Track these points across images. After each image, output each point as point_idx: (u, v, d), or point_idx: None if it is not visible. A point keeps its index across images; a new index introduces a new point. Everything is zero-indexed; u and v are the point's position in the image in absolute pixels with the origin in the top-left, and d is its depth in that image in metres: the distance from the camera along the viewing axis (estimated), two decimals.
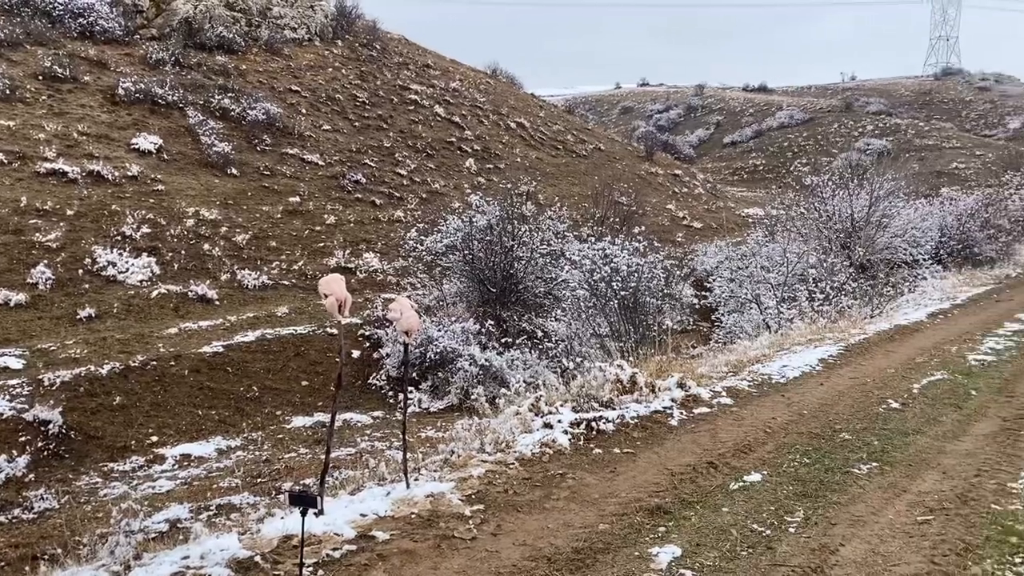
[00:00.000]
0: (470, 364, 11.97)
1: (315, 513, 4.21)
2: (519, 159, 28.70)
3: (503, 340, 13.09)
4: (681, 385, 7.23)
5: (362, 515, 4.53)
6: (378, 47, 30.59)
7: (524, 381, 11.60)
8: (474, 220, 14.15)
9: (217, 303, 13.87)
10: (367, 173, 21.60)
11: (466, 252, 14.10)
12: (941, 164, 50.30)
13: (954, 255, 17.55)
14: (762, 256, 16.60)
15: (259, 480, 8.57)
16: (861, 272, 15.50)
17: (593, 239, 13.54)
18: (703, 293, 19.44)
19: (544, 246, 15.20)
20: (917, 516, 4.44)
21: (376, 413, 11.42)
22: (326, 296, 4.38)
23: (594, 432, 6.09)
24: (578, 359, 10.15)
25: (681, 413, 6.67)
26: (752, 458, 5.59)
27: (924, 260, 16.75)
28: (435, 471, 5.37)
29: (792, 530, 4.35)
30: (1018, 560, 3.83)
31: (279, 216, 17.74)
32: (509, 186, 17.32)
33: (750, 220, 28.20)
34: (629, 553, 4.13)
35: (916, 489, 4.86)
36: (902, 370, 8.24)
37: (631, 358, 8.89)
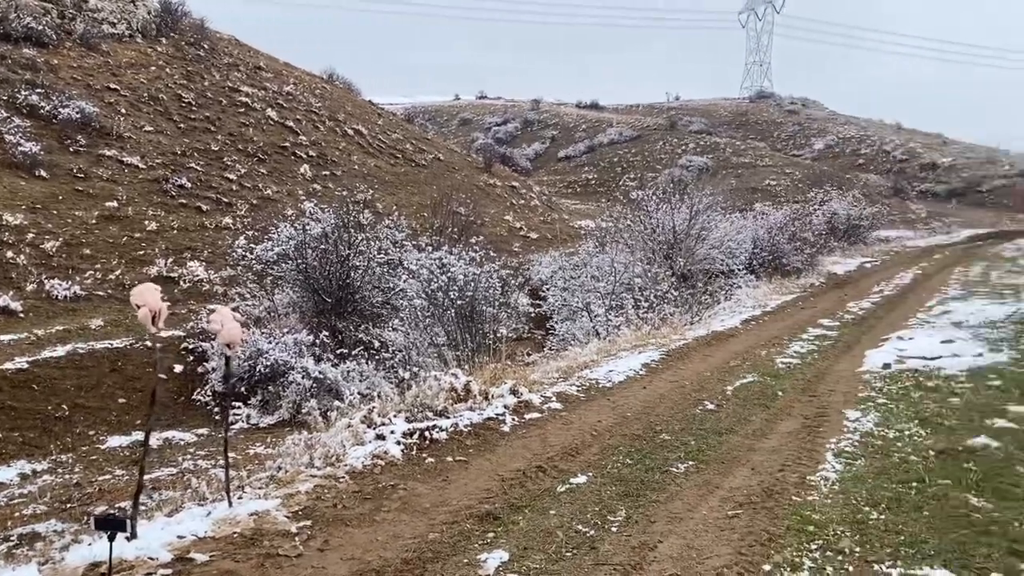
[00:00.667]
0: (303, 377, 11.63)
1: (126, 537, 3.96)
2: (356, 166, 28.27)
3: (339, 351, 12.81)
4: (514, 392, 7.36)
5: (180, 537, 4.30)
6: (206, 47, 29.23)
7: (360, 393, 11.46)
8: (308, 228, 13.78)
9: (22, 315, 12.73)
10: (193, 177, 20.55)
11: (299, 261, 13.70)
12: (756, 181, 54.09)
13: (765, 265, 18.91)
14: (592, 266, 17.21)
15: (69, 505, 7.94)
16: (683, 281, 16.40)
17: (431, 248, 13.55)
18: (538, 302, 19.90)
19: (382, 255, 15.05)
20: (728, 511, 4.73)
21: (201, 431, 10.86)
22: (139, 307, 4.13)
23: (427, 441, 6.08)
24: (415, 369, 10.12)
25: (513, 419, 6.79)
26: (579, 461, 5.77)
27: (739, 270, 17.96)
28: (260, 488, 5.19)
29: (615, 529, 4.53)
30: (814, 547, 4.16)
31: (94, 222, 16.54)
32: (346, 193, 17.02)
33: (582, 231, 29.17)
34: (458, 561, 4.15)
35: (728, 485, 5.18)
36: (717, 373, 8.77)
37: (467, 366, 8.97)
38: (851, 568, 3.89)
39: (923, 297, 14.75)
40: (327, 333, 12.88)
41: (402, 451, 5.84)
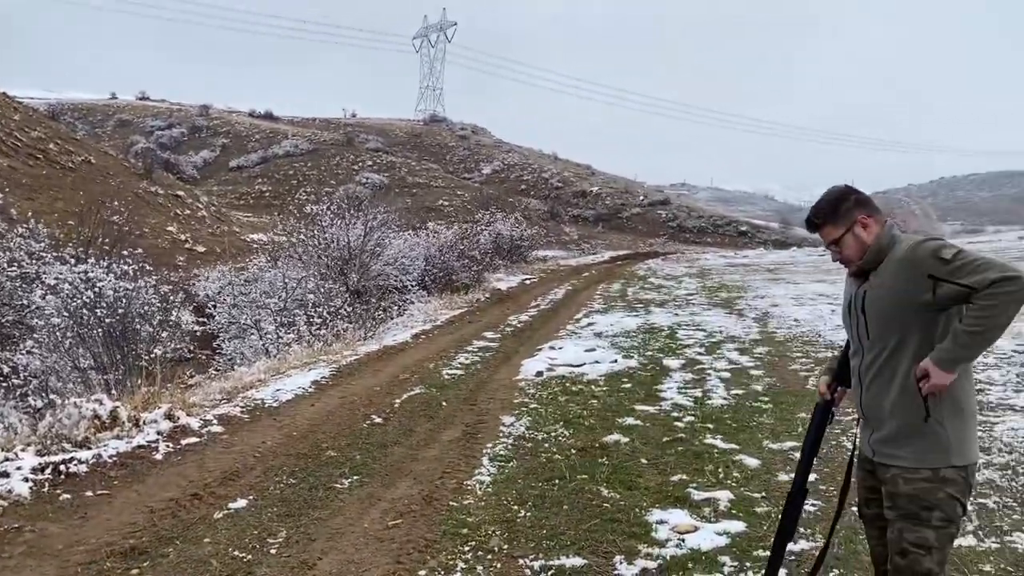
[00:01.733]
0: None
1: None
2: None
3: None
4: (169, 417, 6.87)
5: None
6: None
7: None
8: None
9: None
10: None
11: None
12: (430, 200, 56.18)
13: (437, 282, 19.65)
14: (264, 282, 16.65)
15: None
16: (357, 297, 16.48)
17: (74, 261, 12.17)
18: (204, 320, 18.78)
19: (13, 268, 13.22)
20: (388, 521, 4.82)
21: None
22: None
23: (63, 476, 5.45)
24: (53, 396, 9.01)
25: (168, 446, 6.33)
26: (239, 484, 5.53)
27: (412, 286, 18.47)
28: None
29: (274, 551, 4.40)
30: (467, 548, 4.39)
31: None
32: None
33: (255, 245, 28.10)
34: None
35: (390, 496, 5.28)
36: (387, 387, 8.92)
37: (115, 391, 8.19)
38: (499, 565, 4.17)
39: (572, 310, 16.27)
40: None
41: (30, 488, 5.16)
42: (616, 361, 10.20)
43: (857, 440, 2.96)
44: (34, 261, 13.53)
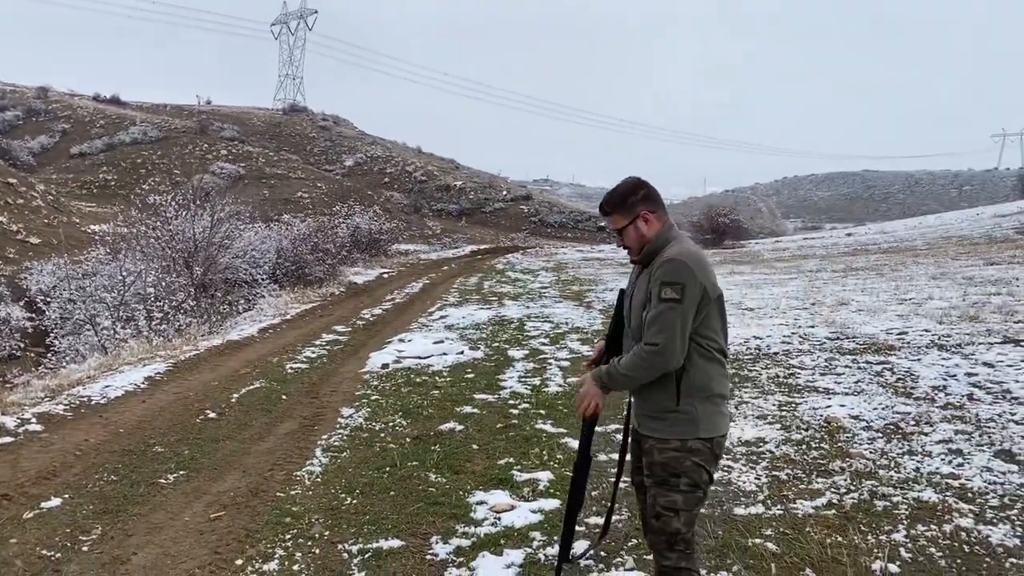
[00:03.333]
0: None
1: None
2: None
3: None
4: None
5: None
6: None
7: None
8: None
9: None
10: None
11: None
12: (288, 192, 54.69)
13: (289, 275, 19.27)
14: (103, 275, 15.87)
15: None
16: (203, 291, 15.95)
17: None
18: (35, 315, 17.67)
19: None
20: (211, 514, 4.80)
21: None
22: None
23: None
24: None
25: None
26: (56, 483, 5.34)
27: (263, 280, 18.05)
28: None
29: (86, 548, 4.30)
30: (288, 537, 4.44)
31: None
32: None
33: (96, 237, 26.60)
34: None
35: (216, 490, 5.25)
36: (226, 382, 8.75)
37: None
38: (318, 551, 4.24)
39: (427, 304, 16.39)
40: None
41: None
42: (463, 353, 10.40)
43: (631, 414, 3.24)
44: None
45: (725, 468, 5.44)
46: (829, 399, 7.24)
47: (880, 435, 6.01)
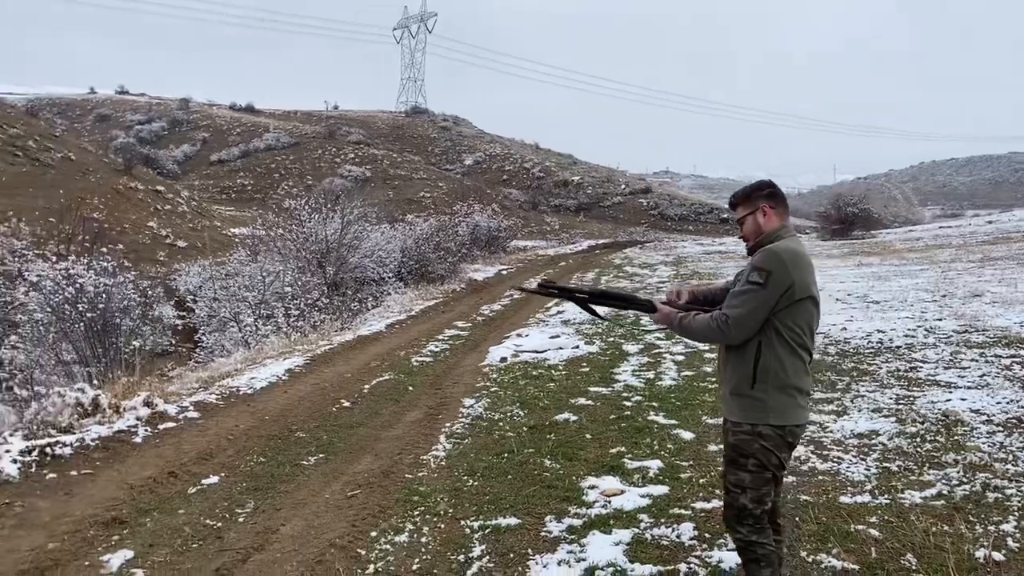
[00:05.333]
0: None
1: None
2: None
3: None
4: (148, 404, 7.31)
5: None
6: None
7: None
8: None
9: None
10: None
11: None
12: (411, 193, 56.44)
13: (413, 273, 20.08)
14: (245, 276, 17.04)
15: None
16: (335, 289, 16.90)
17: (55, 259, 12.54)
18: (185, 313, 19.15)
19: None
20: (348, 492, 5.30)
21: None
22: None
23: (49, 458, 5.89)
24: (39, 388, 9.44)
25: (146, 430, 6.77)
26: (213, 463, 6.00)
27: (389, 278, 18.90)
28: None
29: (241, 520, 4.87)
30: (416, 513, 4.88)
31: None
32: None
33: (236, 240, 28.42)
34: (79, 564, 4.23)
35: (351, 471, 5.76)
36: (358, 374, 9.39)
37: (96, 381, 8.62)
38: (443, 526, 4.66)
39: (544, 299, 16.74)
40: None
41: (19, 469, 5.61)
42: (578, 347, 10.69)
43: None
44: (16, 259, 13.86)
45: (835, 459, 5.52)
46: (950, 393, 7.13)
47: (1000, 429, 5.92)
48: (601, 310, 4.14)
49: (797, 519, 4.42)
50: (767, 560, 3.07)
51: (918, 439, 5.90)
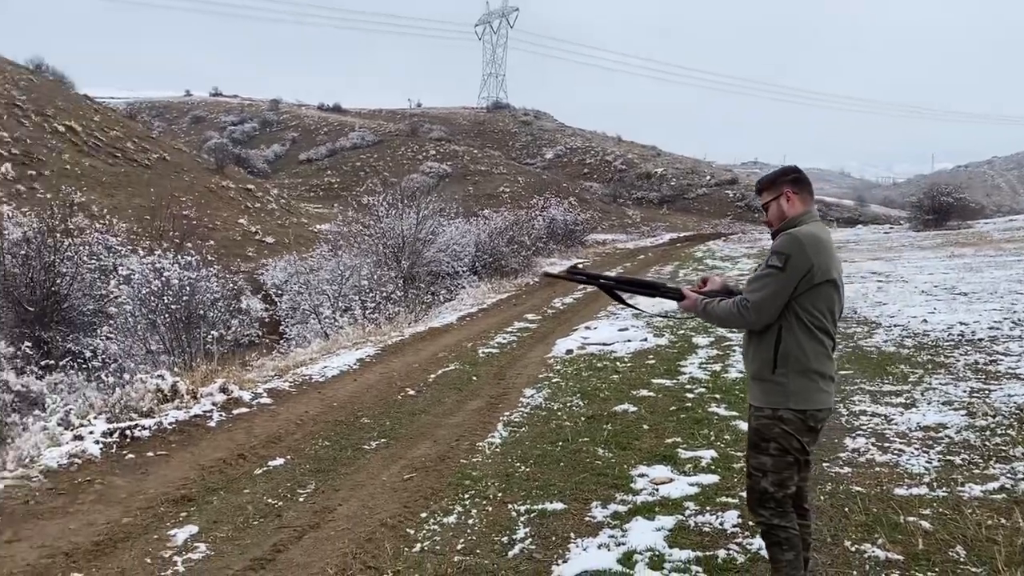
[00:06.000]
0: (2, 391, 10.96)
1: None
2: (68, 166, 26.26)
3: (44, 363, 12.16)
4: (224, 390, 7.67)
5: None
6: None
7: (67, 405, 11.01)
8: (6, 233, 12.90)
9: None
10: None
11: None
12: (490, 188, 56.82)
13: (487, 267, 20.31)
14: (326, 270, 17.57)
15: None
16: (410, 282, 17.27)
17: (143, 253, 13.23)
18: (271, 307, 19.87)
19: (94, 260, 14.39)
20: (404, 475, 5.47)
21: None
22: None
23: (129, 439, 6.26)
24: (127, 376, 9.98)
25: (221, 415, 7.12)
26: (280, 446, 6.27)
27: (463, 271, 19.19)
28: None
29: (302, 499, 5.10)
30: (466, 496, 5.00)
31: None
32: (50, 196, 15.99)
33: (321, 236, 29.25)
34: (149, 538, 4.51)
35: (410, 455, 5.93)
36: (425, 364, 9.60)
37: (178, 369, 9.08)
38: (491, 509, 4.77)
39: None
40: (29, 344, 12.17)
41: (101, 449, 5.99)
42: (646, 340, 10.66)
43: None
44: (111, 254, 14.66)
45: (895, 451, 5.40)
46: None
47: None
48: (642, 303, 4.17)
49: (846, 509, 4.35)
50: (789, 544, 3.06)
51: (987, 432, 5.70)
